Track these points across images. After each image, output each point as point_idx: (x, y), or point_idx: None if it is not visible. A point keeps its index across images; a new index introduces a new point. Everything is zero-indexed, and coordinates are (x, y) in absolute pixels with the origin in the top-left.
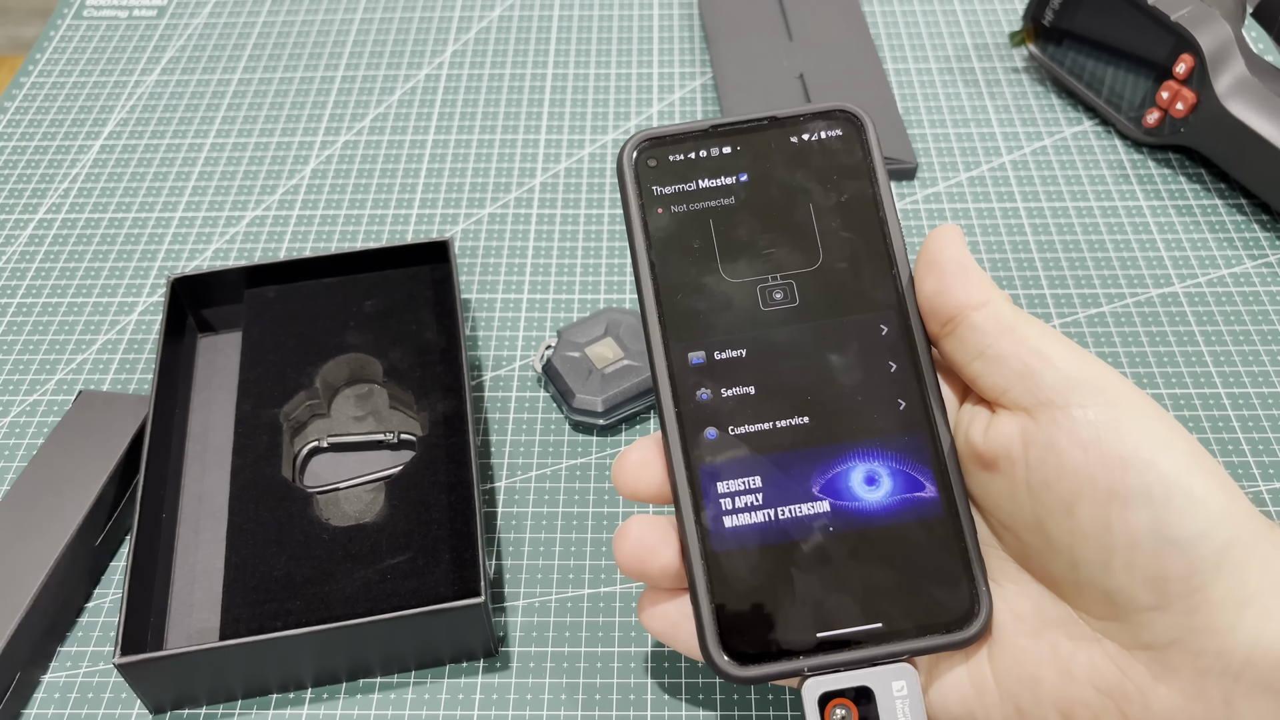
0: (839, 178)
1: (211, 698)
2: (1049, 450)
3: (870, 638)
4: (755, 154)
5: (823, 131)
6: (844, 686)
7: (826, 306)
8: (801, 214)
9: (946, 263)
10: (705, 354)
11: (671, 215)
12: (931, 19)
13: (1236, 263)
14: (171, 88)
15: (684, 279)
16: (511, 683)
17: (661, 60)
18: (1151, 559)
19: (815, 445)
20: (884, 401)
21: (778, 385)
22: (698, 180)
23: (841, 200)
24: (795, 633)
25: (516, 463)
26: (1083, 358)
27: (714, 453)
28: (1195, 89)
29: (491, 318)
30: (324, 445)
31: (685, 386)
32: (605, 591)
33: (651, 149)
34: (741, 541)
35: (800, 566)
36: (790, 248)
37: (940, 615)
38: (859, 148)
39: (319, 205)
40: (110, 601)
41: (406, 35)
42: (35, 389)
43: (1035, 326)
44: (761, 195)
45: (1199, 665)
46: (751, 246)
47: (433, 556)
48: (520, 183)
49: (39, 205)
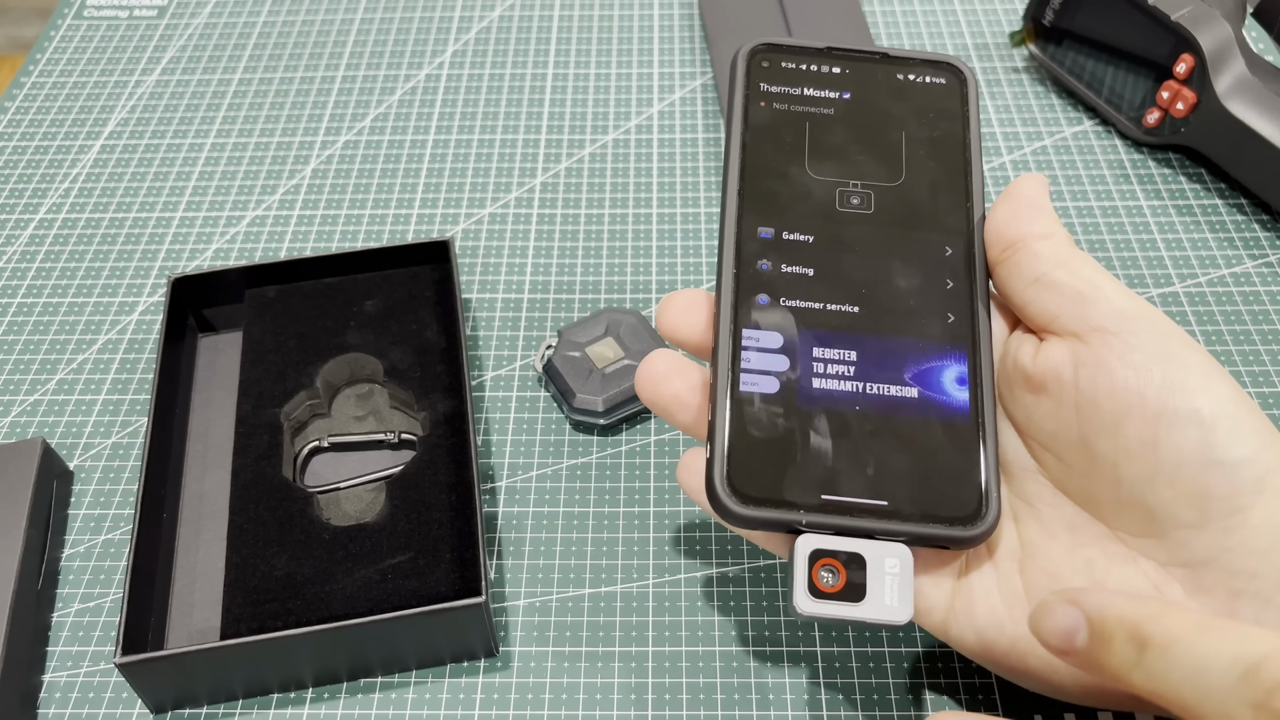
0: (935, 116)
1: (212, 697)
2: (1100, 370)
3: (874, 512)
4: (861, 79)
5: (929, 76)
6: (837, 548)
7: (899, 220)
8: (893, 137)
9: (1022, 196)
10: (774, 232)
11: (773, 110)
12: (932, 19)
13: (1237, 262)
14: (172, 88)
15: (770, 165)
16: (512, 682)
17: (662, 60)
18: (1196, 477)
19: (860, 332)
20: (934, 311)
21: (836, 274)
22: (803, 88)
23: (934, 135)
24: (801, 487)
25: (517, 462)
26: (1134, 295)
27: (762, 314)
28: (1195, 89)
29: (492, 317)
30: (325, 445)
31: (748, 254)
32: (606, 591)
33: (767, 52)
34: (768, 395)
35: (820, 432)
36: (876, 162)
37: (947, 509)
38: (959, 97)
39: (319, 205)
40: (111, 601)
41: (407, 35)
42: (36, 389)
43: (1091, 264)
44: (859, 113)
45: (1233, 585)
46: (840, 153)
47: (433, 556)
48: (521, 182)
49: (39, 205)
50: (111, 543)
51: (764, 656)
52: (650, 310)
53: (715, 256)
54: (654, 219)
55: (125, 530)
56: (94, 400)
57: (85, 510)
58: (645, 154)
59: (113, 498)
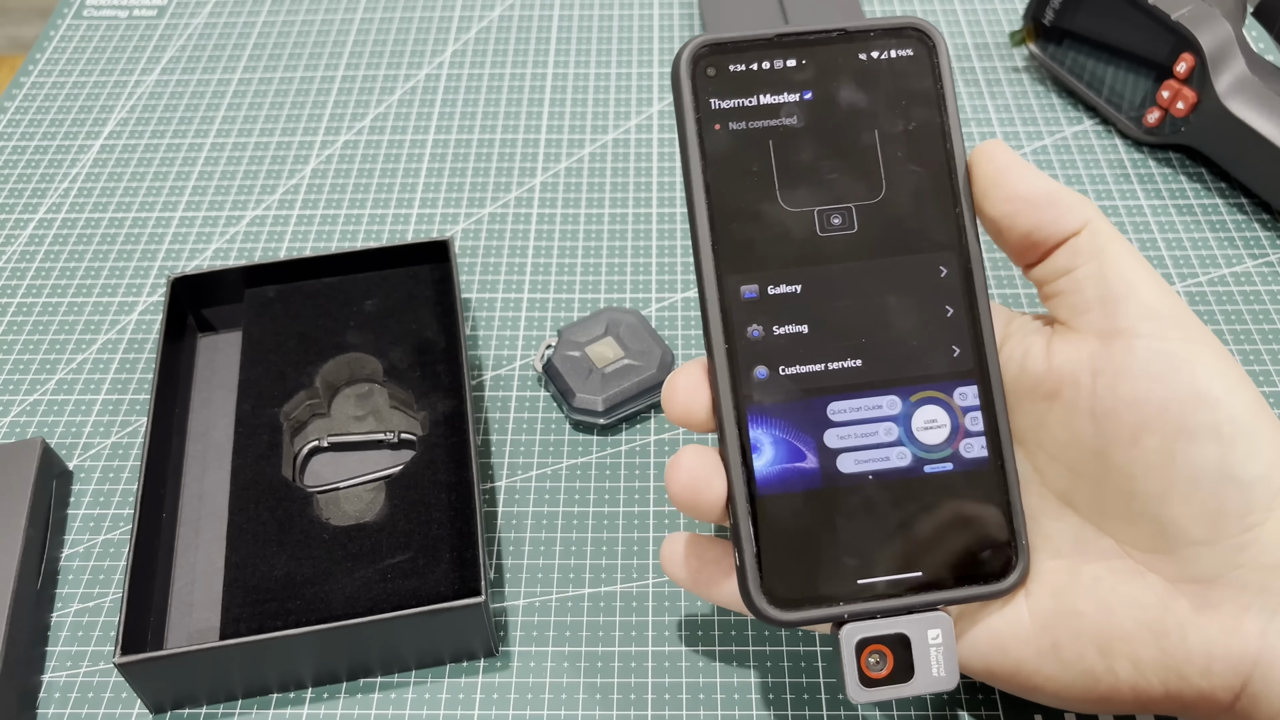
0: (907, 103)
1: (212, 697)
2: (1120, 379)
3: (911, 586)
4: (821, 70)
5: (893, 50)
6: (882, 633)
7: (885, 243)
8: (866, 140)
9: (1031, 194)
10: (759, 289)
11: (730, 134)
12: (932, 19)
13: (1237, 262)
14: (172, 87)
15: (740, 206)
16: (512, 682)
17: (662, 60)
18: (1211, 494)
19: (867, 390)
20: (938, 348)
21: (831, 325)
22: (759, 95)
23: (909, 128)
24: (837, 578)
25: (517, 462)
26: (1165, 291)
27: (764, 393)
28: (1196, 88)
29: (492, 317)
30: (324, 445)
31: (737, 322)
32: (606, 591)
33: (711, 56)
34: (788, 485)
35: (844, 513)
36: (852, 177)
37: (979, 566)
38: (930, 73)
39: (319, 205)
40: (110, 601)
41: (407, 35)
42: (35, 389)
43: (1126, 254)
44: (825, 116)
45: (1241, 600)
46: (812, 173)
47: (433, 556)
48: (520, 182)
49: (39, 205)
50: (111, 542)
51: (764, 656)
52: (650, 310)
53: (699, 317)
54: (654, 218)
55: (125, 530)
56: (93, 400)
57: (85, 510)
58: (645, 154)
59: (112, 497)
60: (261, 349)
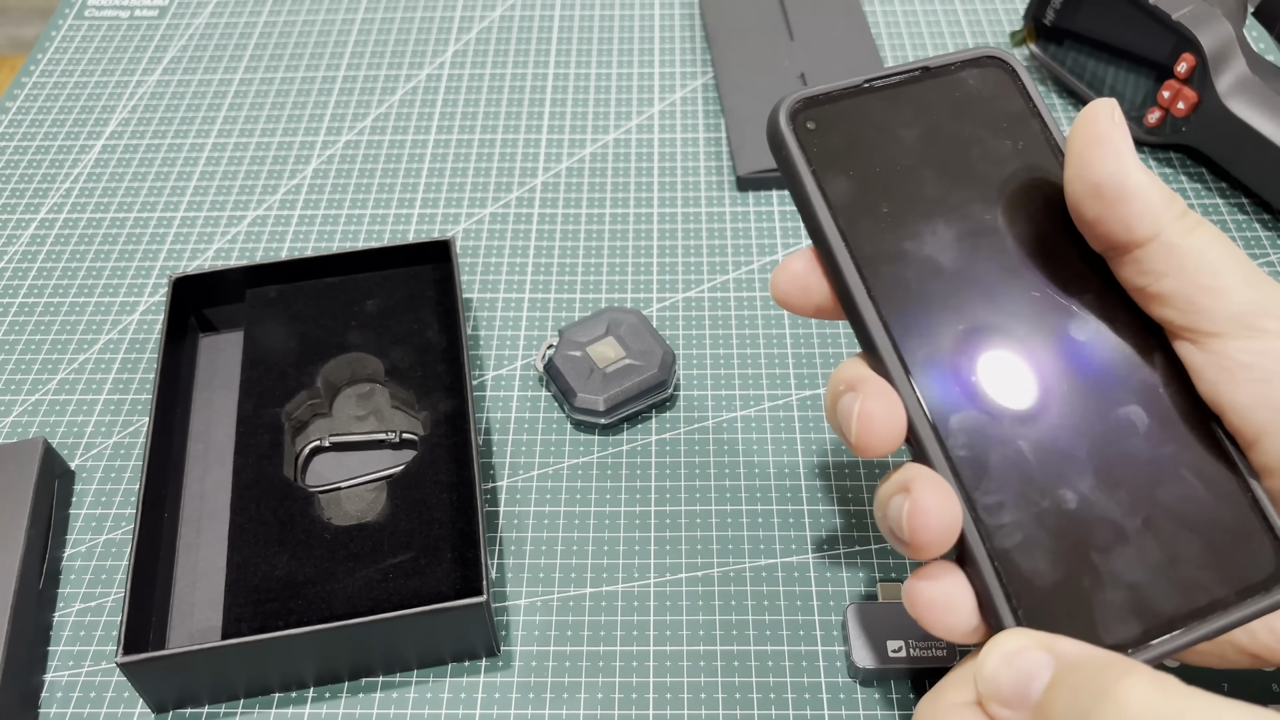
0: (1008, 125)
1: (213, 697)
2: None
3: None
4: (918, 108)
5: (980, 80)
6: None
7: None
8: (983, 166)
9: (1104, 184)
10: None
11: (849, 179)
12: (932, 19)
13: None
14: (173, 88)
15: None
16: (513, 682)
17: (662, 60)
18: None
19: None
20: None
21: (1018, 363)
22: (865, 139)
23: (1018, 147)
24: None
25: (518, 462)
26: (1265, 281)
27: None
28: (1196, 88)
29: (493, 317)
30: (326, 445)
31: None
32: (607, 591)
33: (808, 109)
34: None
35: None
36: (982, 207)
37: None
38: (1018, 94)
39: (320, 205)
40: (112, 601)
41: (407, 35)
42: (37, 389)
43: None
44: (936, 148)
45: None
46: (943, 204)
47: (434, 556)
48: (521, 182)
49: (40, 205)
50: (113, 542)
51: (764, 656)
52: (651, 310)
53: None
54: (655, 218)
55: (126, 530)
56: (95, 400)
57: (86, 510)
58: (646, 153)
59: (114, 497)
60: (263, 349)
